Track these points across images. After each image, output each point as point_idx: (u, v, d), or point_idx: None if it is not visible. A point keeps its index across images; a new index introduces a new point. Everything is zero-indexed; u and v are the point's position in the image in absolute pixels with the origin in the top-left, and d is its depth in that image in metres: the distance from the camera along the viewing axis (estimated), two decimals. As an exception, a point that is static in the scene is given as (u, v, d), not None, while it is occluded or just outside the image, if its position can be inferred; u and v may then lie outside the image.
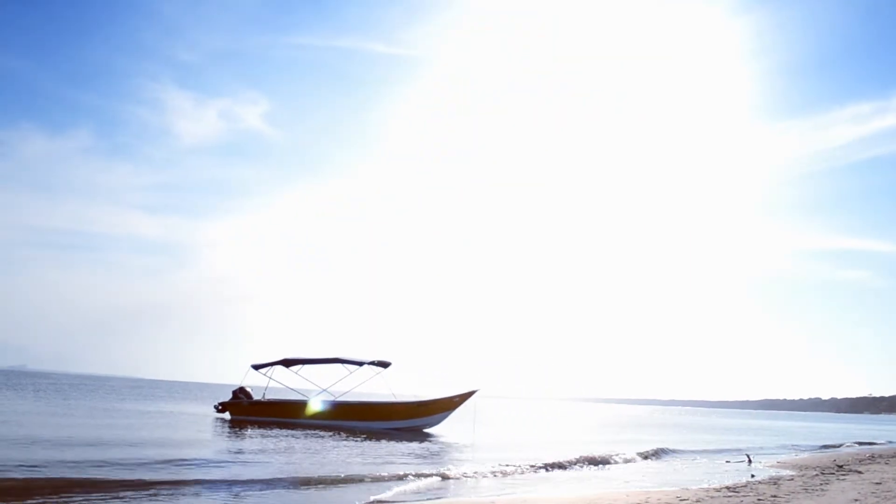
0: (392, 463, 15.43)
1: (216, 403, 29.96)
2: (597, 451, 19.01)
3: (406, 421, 26.70)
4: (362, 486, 11.68)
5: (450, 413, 27.72)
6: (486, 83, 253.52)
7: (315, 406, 27.77)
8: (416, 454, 18.12)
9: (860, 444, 34.65)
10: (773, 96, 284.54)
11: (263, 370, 28.50)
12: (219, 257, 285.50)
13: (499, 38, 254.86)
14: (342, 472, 12.91)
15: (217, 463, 13.80)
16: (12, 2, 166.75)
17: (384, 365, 27.93)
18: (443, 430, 26.90)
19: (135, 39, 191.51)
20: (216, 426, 24.61)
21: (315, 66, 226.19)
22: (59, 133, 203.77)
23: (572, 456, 17.32)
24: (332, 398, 28.30)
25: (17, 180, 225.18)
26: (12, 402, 32.34)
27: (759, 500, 10.27)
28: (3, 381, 67.35)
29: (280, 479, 11.78)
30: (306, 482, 11.76)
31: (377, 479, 12.42)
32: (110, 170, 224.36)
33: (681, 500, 10.03)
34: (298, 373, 28.68)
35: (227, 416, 28.65)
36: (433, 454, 18.54)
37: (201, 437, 20.85)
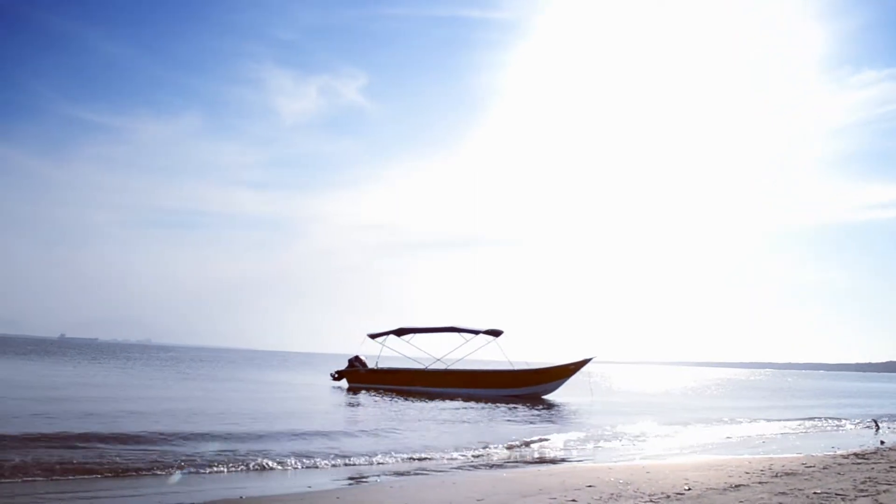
0: (514, 426, 15.63)
1: (332, 372, 31.01)
2: (716, 416, 18.58)
3: (523, 388, 26.90)
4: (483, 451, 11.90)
5: (566, 380, 27.77)
6: (589, 44, 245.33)
7: (432, 374, 28.26)
8: (535, 420, 18.28)
9: None
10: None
11: (379, 339, 29.18)
12: (325, 230, 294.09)
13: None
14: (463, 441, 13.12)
15: (351, 434, 14.29)
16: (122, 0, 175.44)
17: (496, 334, 28.19)
18: (560, 397, 26.88)
19: (235, 22, 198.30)
20: (339, 394, 25.45)
21: (411, 37, 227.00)
22: (172, 117, 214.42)
23: (689, 419, 16.99)
24: (443, 366, 28.75)
25: (136, 164, 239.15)
26: (164, 375, 34.46)
27: (891, 467, 9.70)
28: (138, 355, 72.06)
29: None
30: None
31: (512, 447, 12.62)
32: (218, 150, 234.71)
33: (806, 466, 9.70)
34: (410, 342, 29.27)
35: (343, 383, 29.61)
36: (552, 420, 18.64)
37: (340, 405, 21.61)
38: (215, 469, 8.96)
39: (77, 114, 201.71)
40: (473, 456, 11.28)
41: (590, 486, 7.95)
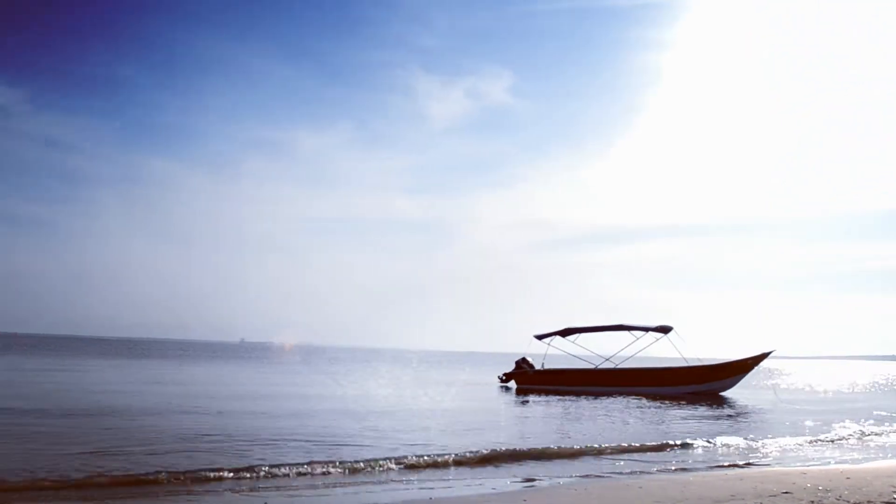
0: (692, 425, 15.16)
1: (500, 374, 31.47)
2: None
3: (699, 385, 25.99)
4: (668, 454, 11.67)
5: (744, 376, 26.55)
6: (749, 27, 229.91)
7: (602, 373, 27.94)
8: (713, 419, 17.68)
9: None
10: None
11: (546, 340, 29.25)
12: (479, 230, 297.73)
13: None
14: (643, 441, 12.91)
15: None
16: (276, 16, 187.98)
17: (666, 330, 27.45)
18: (738, 394, 25.72)
19: (382, 32, 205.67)
20: (509, 396, 25.80)
21: (555, 31, 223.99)
22: (325, 129, 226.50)
23: (883, 418, 15.65)
24: (612, 366, 28.35)
25: (292, 176, 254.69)
26: (360, 376, 36.55)
27: None
28: (308, 356, 76.73)
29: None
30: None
31: (685, 446, 12.37)
32: (371, 158, 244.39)
33: None
34: (575, 341, 29.07)
35: (511, 385, 29.94)
36: (731, 419, 17.91)
37: (511, 406, 21.99)
38: (401, 469, 9.46)
39: (237, 131, 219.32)
40: (652, 458, 11.14)
41: (786, 493, 7.64)
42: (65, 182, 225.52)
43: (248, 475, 8.50)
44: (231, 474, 8.46)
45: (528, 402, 21.70)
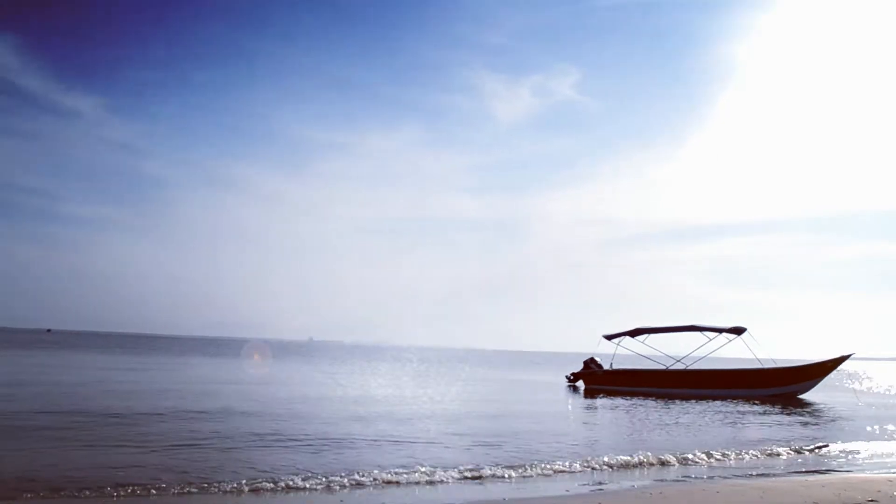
0: (767, 429, 14.79)
1: (568, 374, 31.32)
2: None
3: (775, 388, 25.30)
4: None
5: (822, 379, 25.70)
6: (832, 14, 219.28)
7: (674, 374, 27.47)
8: (790, 423, 17.28)
9: None
10: None
11: (615, 340, 28.93)
12: (547, 229, 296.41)
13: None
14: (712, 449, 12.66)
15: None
16: (344, 20, 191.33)
17: (739, 332, 26.80)
18: (816, 397, 24.91)
19: (448, 33, 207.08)
20: (576, 396, 25.65)
21: (621, 26, 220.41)
22: (394, 130, 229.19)
23: None
24: (682, 366, 27.84)
25: (362, 176, 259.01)
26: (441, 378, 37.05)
27: None
28: (376, 354, 77.75)
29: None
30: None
31: (762, 451, 12.10)
32: (437, 157, 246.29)
33: None
34: (645, 342, 28.64)
35: (579, 384, 29.74)
36: (809, 423, 17.44)
37: (579, 408, 21.90)
38: (478, 472, 9.58)
39: (308, 133, 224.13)
40: (731, 461, 10.97)
41: (872, 501, 7.44)
42: (141, 185, 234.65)
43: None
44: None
45: (595, 407, 21.50)
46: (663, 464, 10.59)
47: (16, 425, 11.79)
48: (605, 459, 10.44)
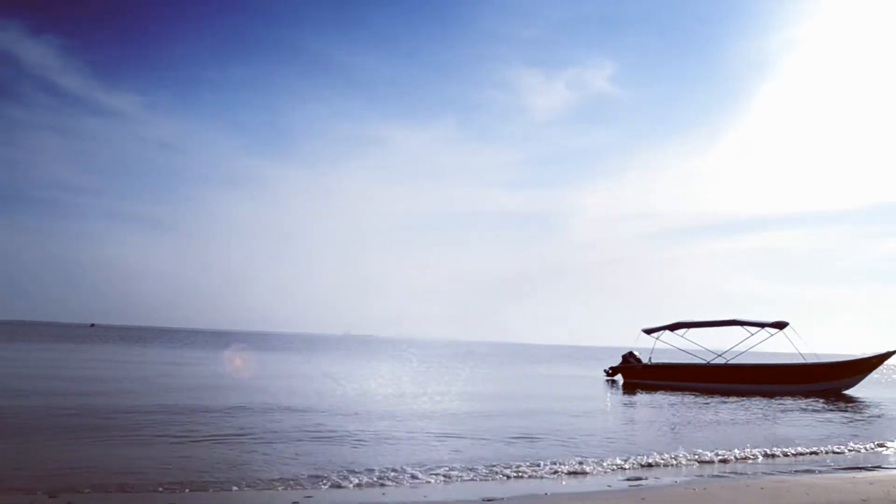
0: (813, 426, 14.59)
1: (606, 368, 31.17)
2: None
3: (819, 384, 24.90)
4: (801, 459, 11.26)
5: (867, 374, 25.21)
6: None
7: (715, 369, 27.16)
8: (835, 419, 17.04)
9: None
10: None
11: (654, 334, 28.72)
12: (584, 223, 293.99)
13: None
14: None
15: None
16: (377, 14, 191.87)
17: (781, 326, 26.38)
18: (861, 393, 24.45)
19: (482, 26, 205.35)
20: (615, 391, 25.53)
21: (656, 17, 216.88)
22: (428, 125, 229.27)
23: None
24: (723, 361, 27.53)
25: (393, 171, 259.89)
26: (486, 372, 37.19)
27: None
28: (415, 350, 78.15)
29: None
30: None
31: (808, 446, 11.98)
32: (473, 152, 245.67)
33: None
34: (684, 336, 28.36)
35: (617, 379, 29.59)
36: (854, 419, 17.17)
37: (618, 404, 21.83)
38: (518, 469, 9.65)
39: (344, 130, 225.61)
40: (774, 458, 10.88)
41: (922, 498, 7.34)
42: (179, 183, 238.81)
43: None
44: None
45: (634, 402, 21.39)
46: (704, 460, 10.55)
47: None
48: (644, 456, 10.44)
